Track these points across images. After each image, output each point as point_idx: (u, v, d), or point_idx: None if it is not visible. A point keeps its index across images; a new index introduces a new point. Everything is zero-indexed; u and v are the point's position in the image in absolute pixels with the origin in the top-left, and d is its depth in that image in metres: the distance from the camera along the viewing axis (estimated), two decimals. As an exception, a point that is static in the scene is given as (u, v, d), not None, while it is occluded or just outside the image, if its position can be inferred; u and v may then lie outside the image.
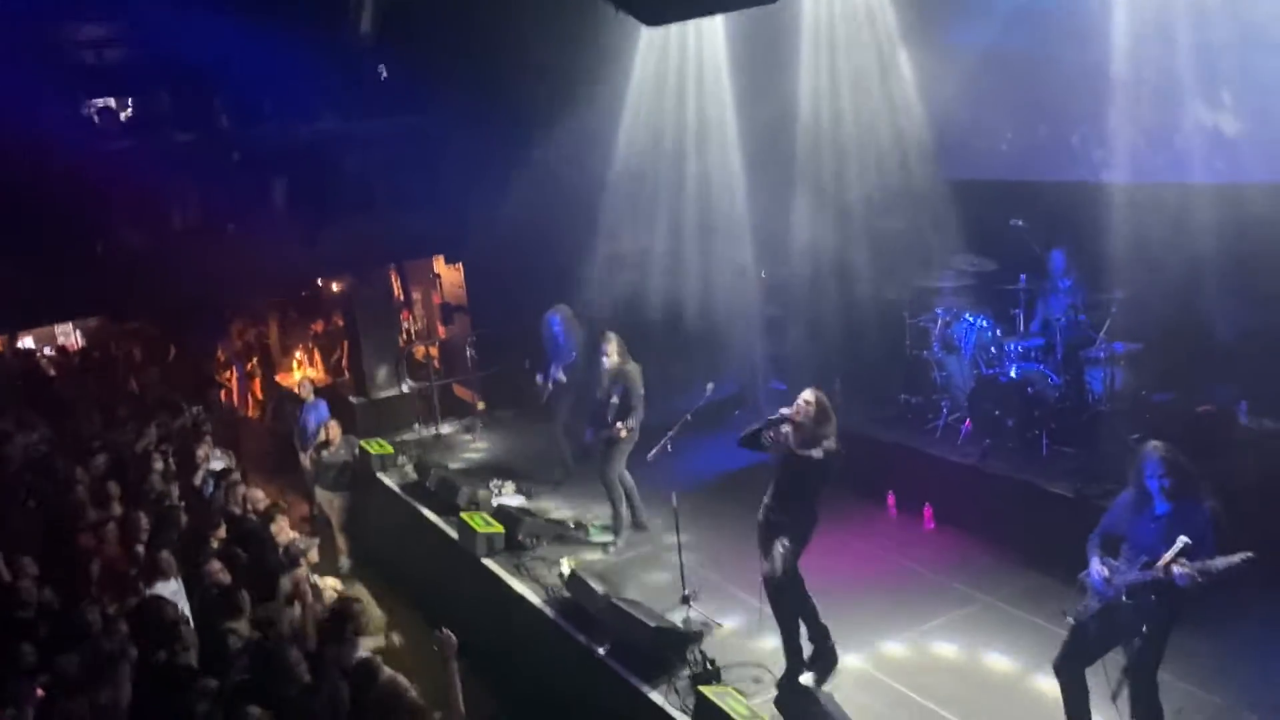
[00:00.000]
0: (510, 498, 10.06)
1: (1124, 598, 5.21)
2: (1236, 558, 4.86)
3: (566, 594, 7.93)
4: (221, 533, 8.23)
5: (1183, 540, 4.94)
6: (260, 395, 15.02)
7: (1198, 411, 8.16)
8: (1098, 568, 5.37)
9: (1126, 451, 7.83)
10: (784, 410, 6.49)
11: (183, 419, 11.88)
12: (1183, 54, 8.36)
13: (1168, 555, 4.97)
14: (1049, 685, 6.40)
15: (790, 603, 6.61)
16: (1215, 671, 6.20)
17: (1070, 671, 5.52)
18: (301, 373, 14.01)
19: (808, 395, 6.35)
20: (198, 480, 9.93)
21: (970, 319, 9.42)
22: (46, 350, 16.35)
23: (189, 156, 12.43)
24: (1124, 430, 8.25)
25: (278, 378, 14.74)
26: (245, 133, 12.87)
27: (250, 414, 14.61)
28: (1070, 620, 5.55)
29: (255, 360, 15.75)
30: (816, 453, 6.26)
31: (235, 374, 14.06)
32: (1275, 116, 8.03)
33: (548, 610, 7.88)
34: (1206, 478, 5.25)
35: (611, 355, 8.79)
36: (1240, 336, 8.00)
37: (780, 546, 6.46)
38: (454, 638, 5.69)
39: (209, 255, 12.44)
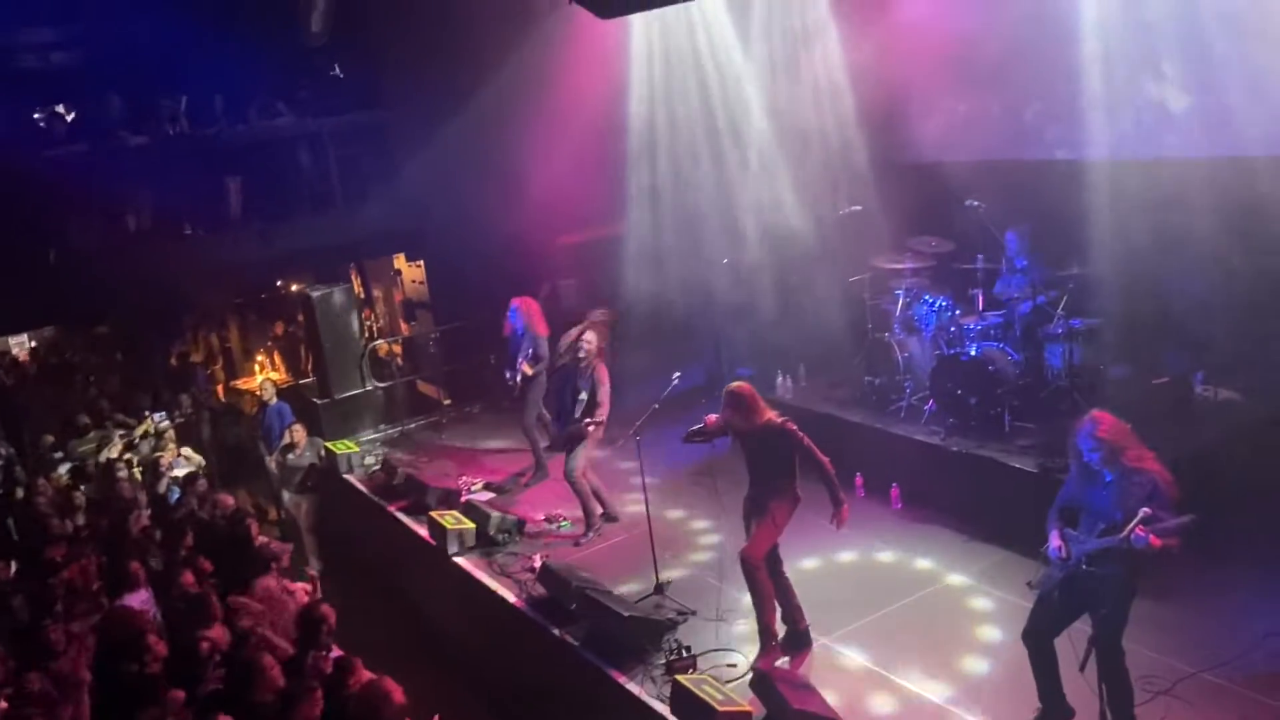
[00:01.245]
0: (480, 494, 10.04)
1: (1084, 566, 5.32)
2: (1183, 519, 5.04)
3: (540, 588, 7.94)
4: (189, 540, 8.16)
5: (1143, 512, 5.06)
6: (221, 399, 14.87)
7: (1154, 383, 8.32)
8: (1056, 541, 5.49)
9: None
10: (707, 418, 6.89)
11: (146, 426, 11.74)
12: (1129, 29, 8.49)
13: (1129, 527, 5.07)
14: (1019, 657, 6.51)
15: (763, 584, 6.67)
16: (1177, 637, 6.33)
17: (1037, 641, 5.64)
18: (264, 375, 13.87)
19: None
20: (162, 488, 9.84)
21: (930, 300, 9.51)
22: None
23: (141, 159, 12.29)
24: (1084, 404, 8.37)
25: (238, 382, 14.60)
26: (198, 133, 12.73)
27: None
28: (1035, 591, 5.66)
29: (219, 364, 15.59)
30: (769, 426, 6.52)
31: (196, 377, 13.91)
32: (1217, 90, 8.17)
33: (521, 605, 7.89)
34: (1147, 443, 5.36)
35: (588, 351, 8.75)
36: (1194, 308, 8.14)
37: (759, 525, 6.57)
38: None
39: (166, 258, 12.32)
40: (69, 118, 12.71)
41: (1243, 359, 8.26)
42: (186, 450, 10.86)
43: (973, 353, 8.91)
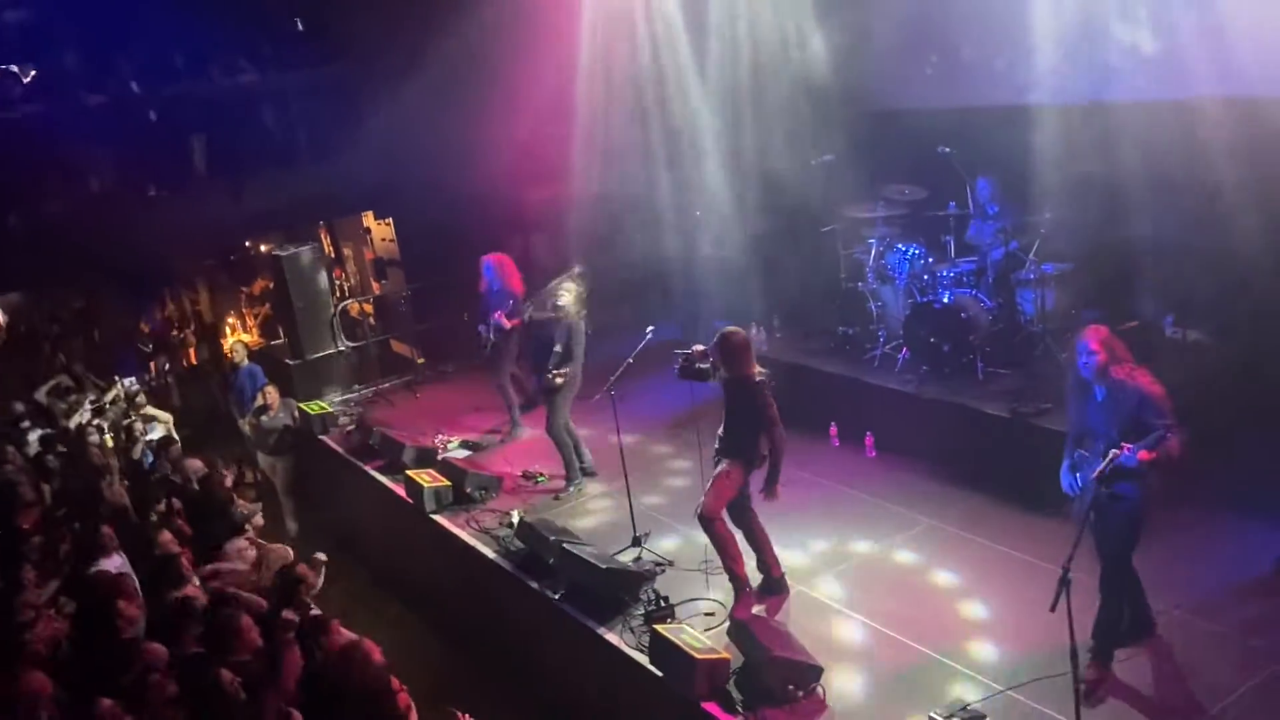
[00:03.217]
0: (456, 451, 10.02)
1: (1102, 488, 5.31)
2: (1162, 431, 5.12)
3: (518, 543, 7.96)
4: (164, 503, 8.11)
5: (1113, 452, 5.11)
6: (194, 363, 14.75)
7: (1125, 327, 8.35)
8: (1068, 473, 5.57)
9: (1059, 370, 8.07)
10: (695, 347, 6.90)
11: (116, 391, 11.62)
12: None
13: (1101, 465, 5.11)
14: (992, 600, 6.62)
15: (723, 536, 6.70)
16: (1146, 576, 6.36)
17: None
18: (235, 337, 13.74)
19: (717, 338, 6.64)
20: (136, 453, 9.76)
21: (903, 248, 9.50)
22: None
23: (101, 119, 12.05)
24: (1056, 349, 8.44)
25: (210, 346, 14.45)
26: (158, 91, 12.48)
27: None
28: (1074, 520, 5.59)
29: (189, 329, 15.42)
30: (747, 379, 6.47)
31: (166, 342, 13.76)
32: (1190, 32, 8.13)
33: (500, 561, 7.89)
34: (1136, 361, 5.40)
35: (566, 301, 8.68)
36: (1163, 252, 8.17)
37: (713, 480, 6.60)
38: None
39: (130, 220, 12.11)
40: (26, 79, 12.43)
41: (1211, 302, 8.31)
42: (151, 410, 10.73)
43: (946, 300, 8.93)
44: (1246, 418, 7.12)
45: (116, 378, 11.84)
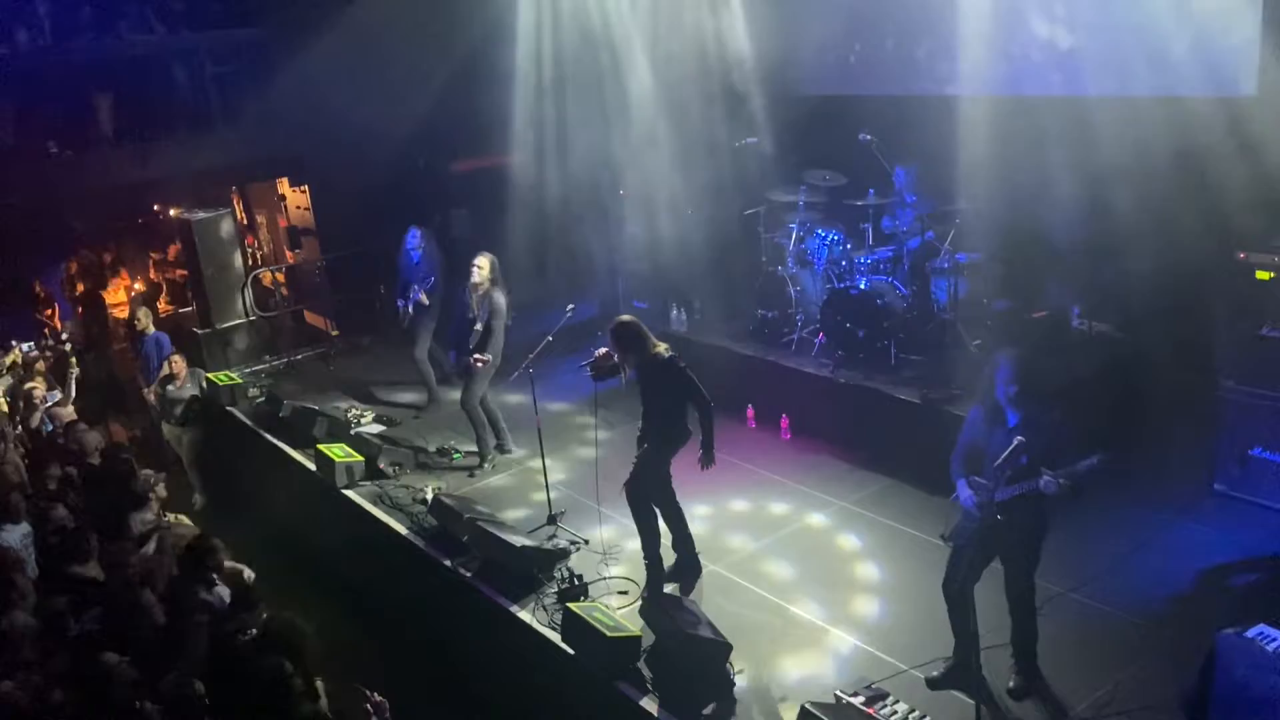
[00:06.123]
0: (370, 426, 9.87)
1: (999, 516, 5.25)
2: (1093, 459, 5.04)
3: (431, 520, 7.88)
4: (63, 473, 7.85)
5: (1018, 439, 5.09)
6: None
7: (1033, 317, 8.60)
8: (967, 493, 5.43)
9: (969, 357, 8.27)
10: (598, 351, 6.99)
11: (14, 355, 11.17)
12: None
13: (1004, 454, 5.12)
14: (898, 579, 6.78)
15: (645, 514, 6.78)
16: (1044, 560, 6.59)
17: (960, 593, 5.41)
18: (135, 302, 13.30)
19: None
20: (35, 420, 9.41)
21: (822, 233, 9.61)
22: None
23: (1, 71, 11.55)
24: (967, 337, 8.64)
25: (116, 311, 13.95)
26: (63, 44, 11.97)
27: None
28: (949, 543, 5.57)
29: (88, 292, 14.86)
30: (656, 359, 6.54)
31: (57, 310, 13.24)
32: (1106, 29, 8.36)
33: (413, 537, 7.82)
34: (1054, 386, 5.41)
35: (481, 277, 8.59)
36: (1072, 245, 8.40)
37: (642, 457, 6.62)
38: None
39: (28, 178, 11.61)
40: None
41: (1116, 294, 8.59)
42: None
43: (862, 286, 9.06)
44: (1145, 408, 7.39)
45: (14, 342, 11.39)
